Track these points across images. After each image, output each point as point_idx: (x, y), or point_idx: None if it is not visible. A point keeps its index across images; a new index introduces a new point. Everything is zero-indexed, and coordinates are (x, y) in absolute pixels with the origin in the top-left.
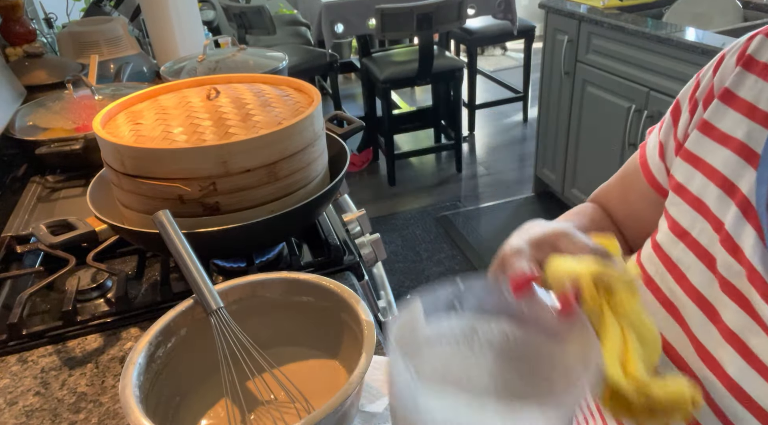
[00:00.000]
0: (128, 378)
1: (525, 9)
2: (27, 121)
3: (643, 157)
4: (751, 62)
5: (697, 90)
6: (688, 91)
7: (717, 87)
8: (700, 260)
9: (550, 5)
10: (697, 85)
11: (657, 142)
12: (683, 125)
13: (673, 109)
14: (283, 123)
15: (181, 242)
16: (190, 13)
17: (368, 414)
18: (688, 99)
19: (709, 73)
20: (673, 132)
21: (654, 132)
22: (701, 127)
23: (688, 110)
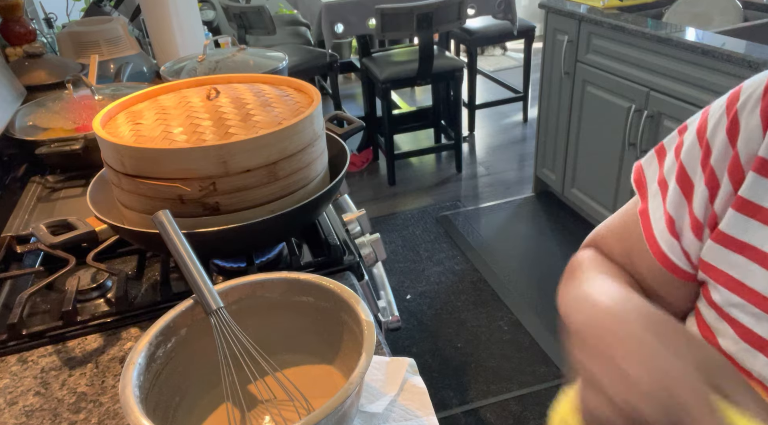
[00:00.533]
0: (128, 378)
1: (525, 9)
2: (27, 121)
3: (650, 232)
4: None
5: (710, 157)
6: (696, 158)
7: (745, 156)
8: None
9: (550, 5)
10: (707, 150)
11: (663, 216)
12: (701, 200)
13: (680, 178)
14: (283, 123)
15: (181, 242)
16: (190, 13)
17: (368, 414)
18: (701, 167)
19: (722, 137)
20: (687, 207)
21: (653, 200)
22: (740, 206)
23: (704, 181)
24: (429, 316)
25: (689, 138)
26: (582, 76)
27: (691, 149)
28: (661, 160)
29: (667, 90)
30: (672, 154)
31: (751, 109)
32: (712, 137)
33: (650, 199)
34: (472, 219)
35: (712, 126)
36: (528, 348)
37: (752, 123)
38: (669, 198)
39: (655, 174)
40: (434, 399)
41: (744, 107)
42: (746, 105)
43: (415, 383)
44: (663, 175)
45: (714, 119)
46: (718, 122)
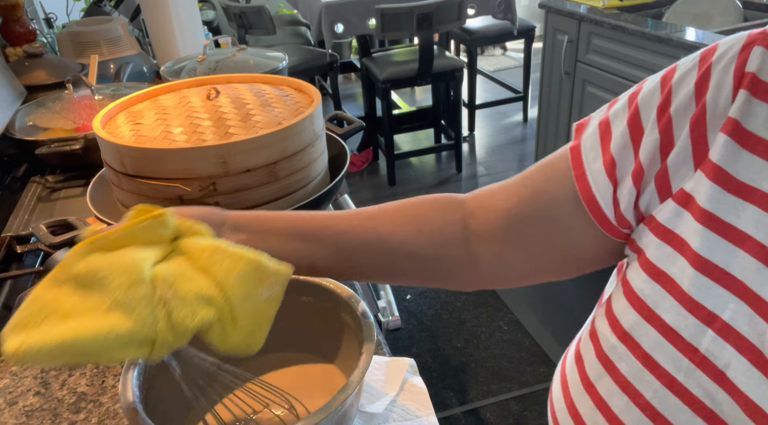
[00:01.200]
0: (128, 378)
1: (525, 9)
2: (27, 121)
3: (579, 164)
4: (759, 86)
5: (670, 105)
6: (653, 103)
7: (712, 113)
8: (742, 356)
9: (550, 5)
10: (668, 97)
11: (601, 153)
12: (650, 147)
13: (632, 121)
14: (283, 123)
15: None
16: (190, 13)
17: (368, 415)
18: (656, 113)
19: (688, 88)
20: (632, 152)
21: (591, 133)
22: (714, 175)
23: (658, 128)
24: (429, 316)
25: (649, 84)
26: (582, 76)
27: (651, 94)
28: (609, 107)
29: None
30: (624, 99)
31: (725, 65)
32: (677, 85)
33: (584, 138)
34: None
35: (679, 74)
36: (528, 348)
37: (725, 81)
38: (615, 139)
39: (597, 120)
40: (434, 399)
41: (719, 62)
42: (721, 60)
43: (415, 383)
44: (608, 117)
45: (683, 68)
46: (688, 72)
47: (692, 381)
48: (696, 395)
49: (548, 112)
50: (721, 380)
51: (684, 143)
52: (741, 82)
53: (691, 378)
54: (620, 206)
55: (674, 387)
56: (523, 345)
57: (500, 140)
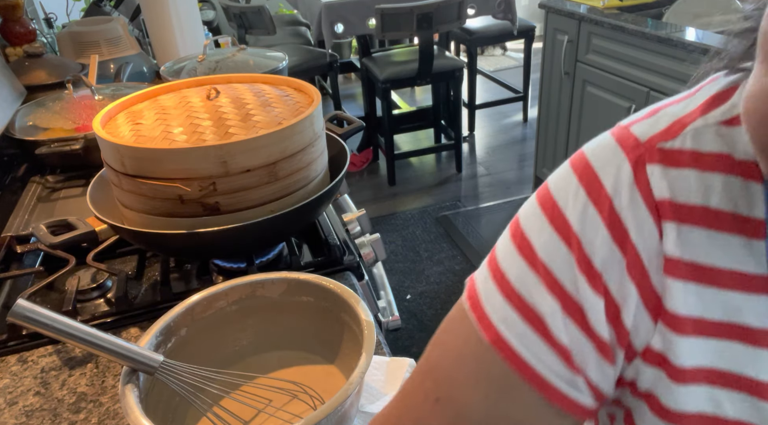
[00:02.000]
0: (128, 378)
1: (525, 9)
2: (27, 121)
3: (533, 374)
4: (682, 211)
5: (592, 260)
6: (568, 262)
7: (648, 254)
8: None
9: (550, 5)
10: (581, 252)
11: (547, 345)
12: (599, 316)
13: (554, 289)
14: (283, 123)
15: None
16: (190, 13)
17: (368, 415)
18: (582, 274)
19: (603, 237)
20: (581, 329)
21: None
22: (672, 323)
23: (595, 291)
24: (429, 316)
25: (543, 237)
26: (582, 76)
27: (556, 251)
28: (492, 264)
29: (667, 90)
30: (515, 255)
31: (629, 199)
32: (585, 234)
33: (498, 323)
34: (472, 219)
35: (577, 220)
36: None
37: (641, 216)
38: (553, 322)
39: (492, 285)
40: None
41: (619, 197)
42: (620, 193)
43: None
44: (512, 287)
45: (576, 211)
46: (585, 216)
47: None
48: None
49: (548, 112)
50: None
51: (632, 298)
52: (660, 214)
53: None
54: (600, 388)
55: None
56: None
57: (500, 140)
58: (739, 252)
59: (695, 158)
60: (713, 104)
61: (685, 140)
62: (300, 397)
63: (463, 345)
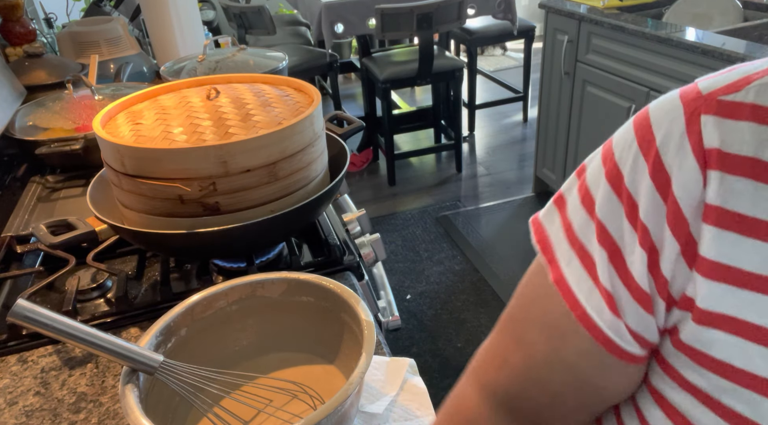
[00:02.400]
0: (128, 378)
1: (525, 9)
2: (27, 121)
3: (576, 304)
4: (726, 160)
5: (637, 210)
6: (618, 214)
7: (687, 205)
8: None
9: (550, 5)
10: (631, 203)
11: (594, 287)
12: (641, 266)
13: (604, 241)
14: (283, 123)
15: (73, 324)
16: (190, 13)
17: (368, 415)
18: (629, 225)
19: (647, 186)
20: (623, 277)
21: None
22: (715, 274)
23: (638, 242)
24: (429, 316)
25: (600, 189)
26: (582, 76)
27: (608, 203)
28: (563, 212)
29: (667, 90)
30: (578, 205)
31: (677, 148)
32: (633, 185)
33: (563, 265)
34: (472, 219)
35: (628, 172)
36: None
37: (687, 164)
38: (599, 267)
39: (561, 232)
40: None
41: (667, 146)
42: (669, 143)
43: (415, 383)
44: (575, 234)
45: (628, 163)
46: (635, 167)
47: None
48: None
49: (548, 112)
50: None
51: (671, 247)
52: (706, 162)
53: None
54: (643, 336)
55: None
56: None
57: (500, 140)
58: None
59: (754, 111)
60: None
61: (747, 93)
62: (300, 397)
63: (534, 285)
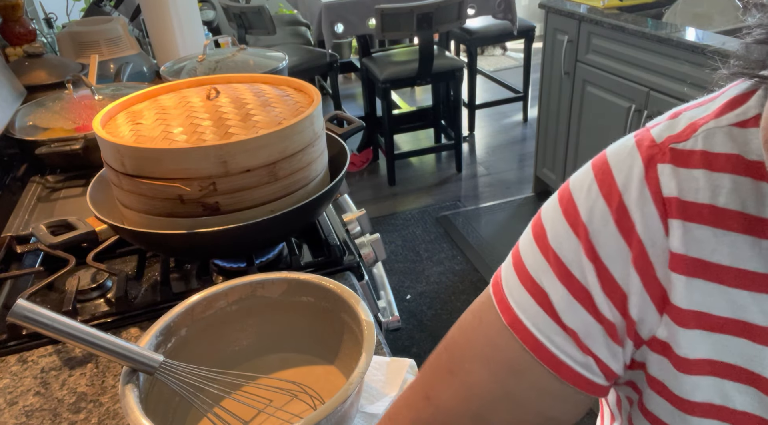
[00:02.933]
0: (128, 378)
1: (525, 9)
2: (27, 121)
3: (547, 354)
4: (689, 209)
5: (597, 251)
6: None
7: (653, 248)
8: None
9: (550, 5)
10: (588, 242)
11: (555, 325)
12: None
13: (562, 275)
14: (283, 123)
15: (72, 324)
16: (190, 13)
17: (368, 415)
18: (589, 262)
19: (611, 230)
20: (589, 314)
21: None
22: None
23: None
24: (429, 316)
25: (557, 226)
26: (582, 76)
27: (566, 239)
28: (515, 250)
29: (667, 90)
30: (531, 241)
31: (638, 194)
32: (592, 223)
33: (516, 308)
34: (472, 219)
35: (586, 210)
36: None
37: (648, 211)
38: (560, 307)
39: (510, 270)
40: None
41: (627, 191)
42: (629, 188)
43: None
44: (528, 272)
45: (586, 201)
46: (595, 206)
47: None
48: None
49: (548, 112)
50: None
51: (638, 290)
52: (666, 211)
53: None
54: (611, 367)
55: None
56: None
57: (500, 140)
58: (746, 251)
59: (705, 158)
60: (729, 107)
61: (696, 141)
62: (300, 397)
63: (481, 324)
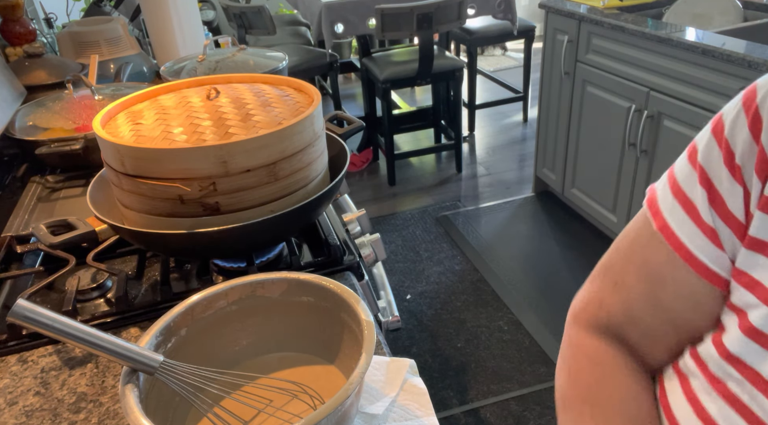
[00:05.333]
0: (128, 378)
1: (525, 9)
2: (27, 121)
3: (684, 249)
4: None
5: (734, 156)
6: (718, 159)
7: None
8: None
9: (550, 5)
10: (728, 150)
11: (697, 228)
12: (738, 200)
13: (704, 182)
14: (283, 123)
15: (72, 324)
16: (190, 13)
17: (368, 416)
18: (726, 168)
19: (744, 134)
20: (721, 213)
21: (671, 205)
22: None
23: (737, 180)
24: (429, 316)
25: (703, 140)
26: (582, 76)
27: (710, 151)
28: (670, 172)
29: (667, 90)
30: (684, 160)
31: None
32: (732, 135)
33: (666, 213)
34: (472, 219)
35: (729, 124)
36: (528, 348)
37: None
38: (701, 207)
39: (666, 187)
40: (434, 399)
41: (764, 102)
42: (766, 100)
43: (415, 383)
44: (679, 185)
45: (730, 117)
46: (736, 120)
47: None
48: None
49: (548, 112)
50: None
51: (757, 186)
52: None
53: None
54: (737, 263)
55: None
56: (523, 345)
57: (500, 140)
58: None
59: None
60: None
61: None
62: (300, 397)
63: (637, 236)
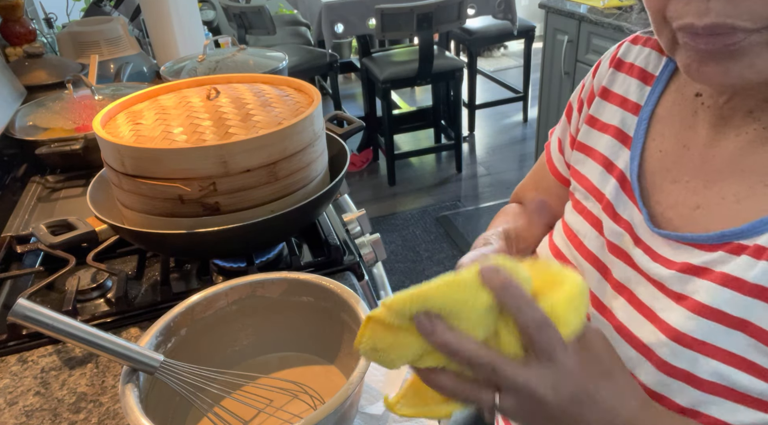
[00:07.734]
0: (128, 378)
1: (525, 9)
2: (27, 121)
3: (549, 155)
4: (621, 64)
5: (582, 91)
6: (577, 94)
7: (596, 87)
8: (593, 228)
9: (550, 5)
10: (582, 87)
11: (556, 139)
12: (574, 121)
13: (567, 110)
14: (283, 123)
15: (74, 324)
16: (190, 13)
17: (368, 416)
18: (577, 100)
19: (589, 77)
20: (568, 129)
21: (555, 132)
22: (588, 121)
23: (577, 109)
24: None
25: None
26: (582, 76)
27: (575, 92)
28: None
29: None
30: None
31: (608, 57)
32: (587, 79)
33: (552, 137)
34: (472, 219)
35: (588, 73)
36: None
37: (605, 65)
38: (560, 127)
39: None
40: None
41: (605, 56)
42: (606, 55)
43: None
44: (556, 127)
45: (591, 69)
46: (591, 70)
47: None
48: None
49: (548, 112)
50: None
51: (585, 110)
52: (612, 64)
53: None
54: (570, 161)
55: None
56: None
57: (500, 140)
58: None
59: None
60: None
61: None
62: (300, 397)
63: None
